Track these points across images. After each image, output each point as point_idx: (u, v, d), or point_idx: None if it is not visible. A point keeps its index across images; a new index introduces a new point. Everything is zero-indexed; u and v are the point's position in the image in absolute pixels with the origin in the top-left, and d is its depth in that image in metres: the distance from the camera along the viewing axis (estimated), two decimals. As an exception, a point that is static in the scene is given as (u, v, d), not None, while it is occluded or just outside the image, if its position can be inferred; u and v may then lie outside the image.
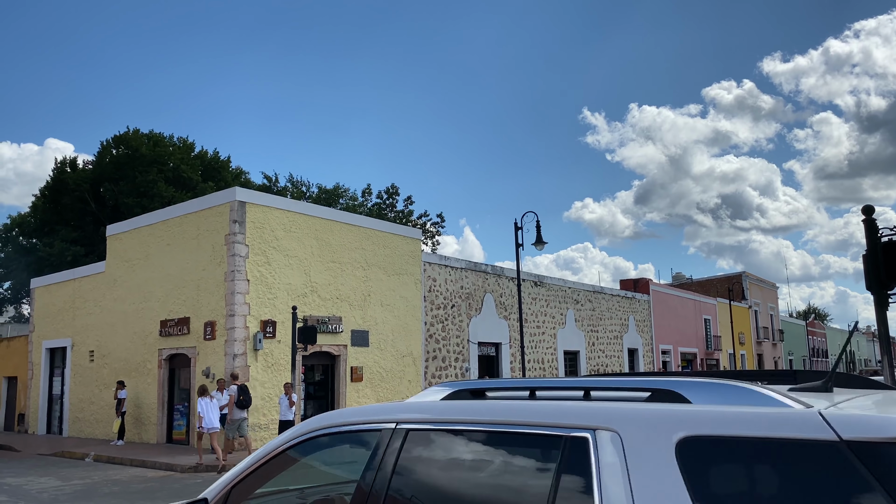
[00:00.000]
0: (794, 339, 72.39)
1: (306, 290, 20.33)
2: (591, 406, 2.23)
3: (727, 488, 1.85)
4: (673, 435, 1.95)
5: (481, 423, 2.40)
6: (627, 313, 39.22)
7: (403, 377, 23.39)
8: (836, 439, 1.77)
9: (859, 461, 1.72)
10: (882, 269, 8.42)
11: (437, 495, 2.43)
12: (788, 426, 1.86)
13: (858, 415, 1.88)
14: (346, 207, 45.02)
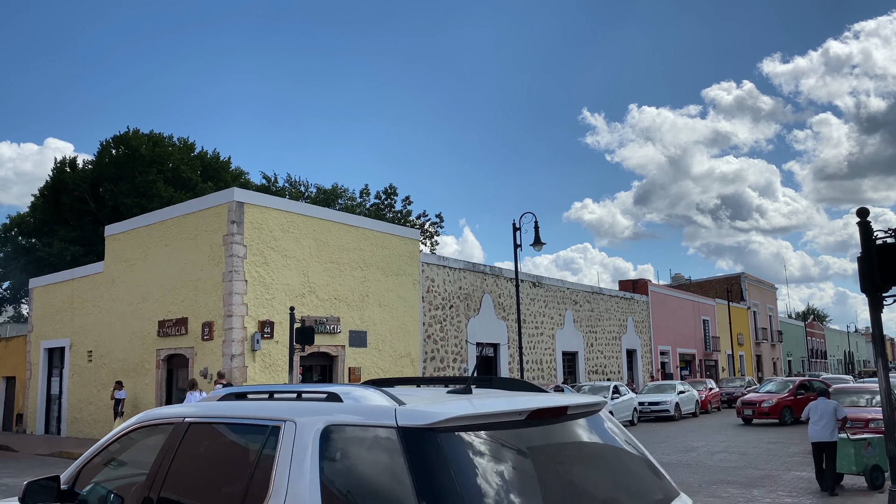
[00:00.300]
0: (793, 340, 72.42)
1: (304, 291, 20.35)
2: (285, 404, 3.27)
3: (343, 457, 2.81)
4: (319, 423, 2.91)
5: (230, 416, 3.43)
6: (626, 314, 39.24)
7: (401, 378, 23.40)
8: (394, 425, 2.71)
9: (402, 440, 2.65)
10: (876, 271, 8.42)
11: (194, 469, 3.43)
12: (376, 416, 2.80)
13: (413, 408, 2.77)
14: (344, 208, 45.04)
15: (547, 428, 3.06)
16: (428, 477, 2.53)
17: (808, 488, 11.87)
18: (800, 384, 26.15)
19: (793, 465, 14.62)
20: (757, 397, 25.68)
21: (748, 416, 25.00)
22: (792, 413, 24.64)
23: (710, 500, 10.96)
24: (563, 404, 3.20)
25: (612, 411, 24.48)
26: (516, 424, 2.92)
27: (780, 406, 24.63)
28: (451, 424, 2.69)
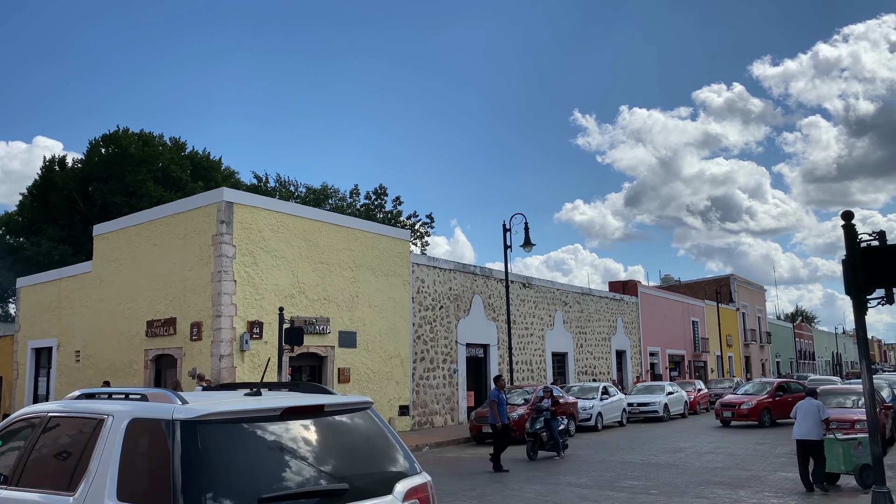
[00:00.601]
0: (782, 342, 72.82)
1: (294, 291, 20.31)
2: (113, 402, 4.20)
3: (137, 443, 3.73)
4: (127, 417, 3.88)
5: (78, 411, 4.30)
6: (616, 315, 39.36)
7: (391, 378, 23.40)
8: (171, 419, 3.63)
9: (174, 429, 3.58)
10: (861, 274, 8.50)
11: (47, 454, 4.34)
12: (162, 412, 3.74)
13: (187, 406, 3.71)
14: (334, 208, 44.97)
15: (307, 421, 4.06)
16: (188, 455, 3.48)
17: (793, 489, 11.95)
18: (778, 385, 25.91)
19: (779, 466, 14.71)
20: (736, 399, 25.38)
21: (727, 417, 24.70)
22: (771, 415, 24.47)
23: (696, 500, 11.03)
24: (319, 403, 4.19)
25: (602, 412, 24.58)
26: (273, 419, 3.90)
27: (760, 408, 24.34)
28: (212, 418, 3.68)
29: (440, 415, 25.61)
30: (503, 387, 16.18)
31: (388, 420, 22.84)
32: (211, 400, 4.08)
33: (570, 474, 14.05)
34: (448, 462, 16.63)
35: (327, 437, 4.10)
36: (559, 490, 12.19)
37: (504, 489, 12.36)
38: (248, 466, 3.62)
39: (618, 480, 13.11)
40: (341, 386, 21.46)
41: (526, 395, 21.52)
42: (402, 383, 23.85)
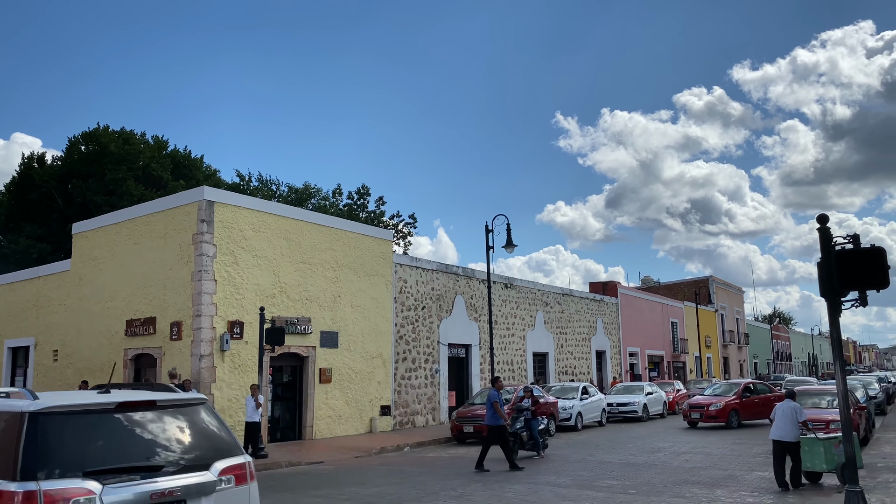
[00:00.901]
0: (759, 343, 73.62)
1: (275, 291, 20.25)
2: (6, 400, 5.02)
3: (6, 430, 4.65)
4: (7, 411, 4.79)
5: None
6: (596, 316, 39.61)
7: (373, 378, 23.39)
8: (21, 411, 4.67)
9: (22, 420, 4.62)
10: (835, 276, 8.66)
11: None
12: (19, 406, 4.75)
13: (35, 402, 4.78)
14: (316, 208, 44.80)
15: (141, 413, 5.13)
16: (29, 438, 4.54)
17: (769, 488, 12.12)
18: (745, 387, 25.72)
19: (755, 466, 14.90)
20: (704, 400, 25.05)
21: (695, 419, 24.38)
22: (739, 416, 24.32)
23: (674, 500, 11.16)
24: (152, 399, 5.27)
25: (582, 412, 24.73)
26: (108, 411, 4.99)
27: (728, 409, 24.09)
28: (53, 411, 4.74)
29: (422, 415, 25.65)
30: (502, 387, 16.28)
31: (369, 420, 22.89)
32: (60, 397, 5.18)
33: (550, 474, 14.15)
34: (429, 462, 16.67)
35: (156, 426, 5.18)
36: (539, 490, 12.28)
37: (484, 489, 12.42)
38: (81, 448, 4.73)
39: (597, 480, 13.22)
40: (323, 386, 21.43)
41: (507, 395, 21.59)
42: (383, 383, 23.85)
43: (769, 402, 25.09)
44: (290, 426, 21.01)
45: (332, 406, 21.72)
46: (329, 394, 21.67)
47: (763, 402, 25.00)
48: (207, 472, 5.18)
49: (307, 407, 21.03)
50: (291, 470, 15.51)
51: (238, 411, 18.60)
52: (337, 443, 19.99)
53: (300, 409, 21.11)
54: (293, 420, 21.10)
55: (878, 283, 8.52)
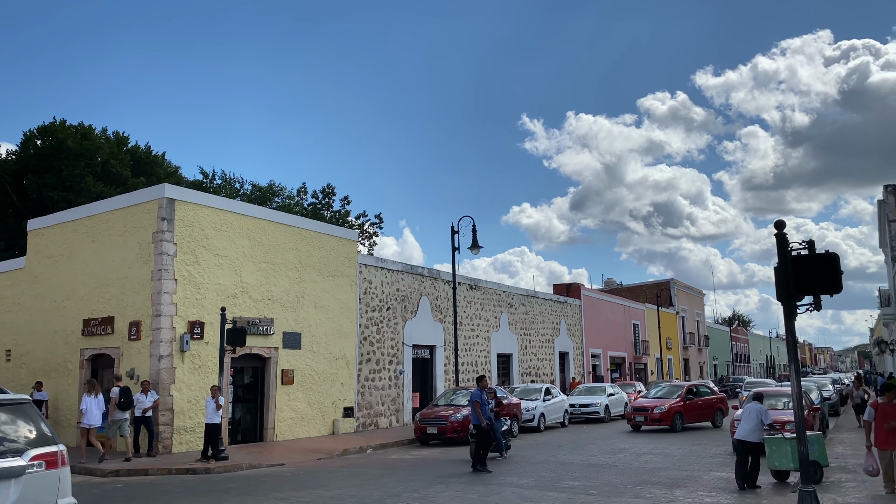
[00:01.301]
0: (719, 345, 74.98)
1: (237, 291, 19.99)
2: None
3: None
4: None
5: None
6: (560, 317, 39.92)
7: (336, 380, 23.23)
8: None
9: None
10: (791, 281, 8.85)
11: None
12: None
13: None
14: (280, 206, 44.33)
15: None
16: None
17: (726, 488, 12.34)
18: (688, 389, 25.30)
19: (714, 467, 15.15)
20: (648, 403, 24.47)
21: (639, 422, 23.87)
22: (682, 419, 23.96)
23: (634, 500, 11.29)
24: None
25: (544, 413, 24.89)
26: None
27: (672, 412, 23.57)
28: None
29: (385, 416, 25.55)
30: (486, 387, 16.25)
31: (331, 422, 22.74)
32: None
33: (513, 475, 14.21)
34: (392, 463, 16.61)
35: None
36: (501, 490, 12.32)
37: (446, 490, 12.42)
38: None
39: (559, 481, 13.31)
40: (285, 388, 21.21)
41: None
42: (347, 385, 23.70)
43: (711, 404, 25.57)
44: (252, 428, 20.76)
45: (294, 408, 21.51)
46: (291, 395, 21.46)
47: (705, 405, 25.23)
48: (20, 458, 6.24)
49: (269, 408, 20.79)
50: (252, 472, 15.32)
51: (198, 413, 18.31)
52: (299, 445, 19.80)
53: (261, 410, 20.86)
54: (254, 422, 20.84)
55: (832, 288, 8.73)
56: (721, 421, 25.32)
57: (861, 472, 12.43)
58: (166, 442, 17.75)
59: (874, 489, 11.66)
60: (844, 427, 23.85)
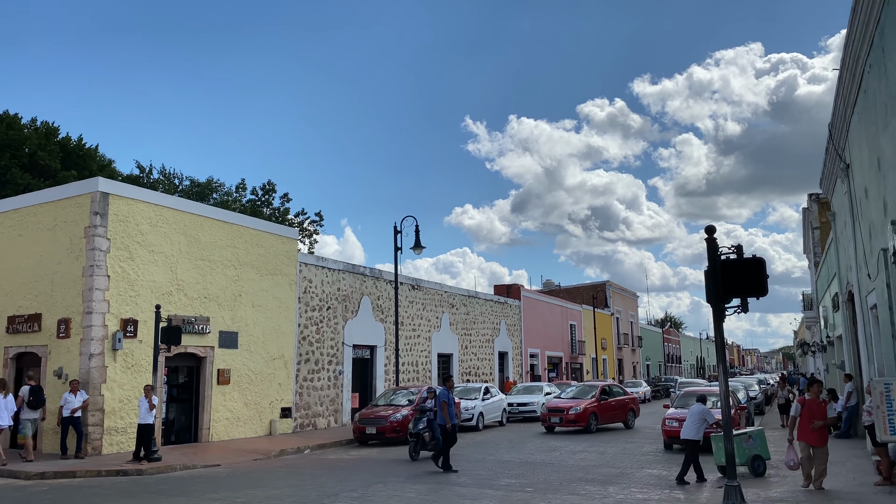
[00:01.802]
0: (652, 346, 77.01)
1: (172, 289, 19.54)
2: None
3: None
4: None
5: None
6: (500, 318, 40.36)
7: (274, 380, 22.94)
8: None
9: None
10: (720, 284, 9.24)
11: None
12: None
13: None
14: (218, 203, 43.44)
15: None
16: None
17: (657, 484, 12.75)
18: (602, 389, 24.73)
19: (645, 464, 15.61)
20: (563, 403, 23.86)
21: (554, 423, 23.15)
22: (597, 419, 23.46)
23: (569, 497, 11.55)
24: None
25: (483, 412, 25.17)
26: None
27: (587, 413, 23.09)
28: None
29: (324, 417, 25.37)
30: (452, 387, 16.28)
31: (268, 422, 22.44)
32: None
33: (451, 473, 14.33)
34: (330, 464, 16.53)
35: None
36: (440, 489, 12.42)
37: (385, 489, 12.45)
38: None
39: (496, 479, 13.50)
40: (221, 388, 20.84)
41: (410, 396, 21.71)
42: (284, 385, 23.43)
43: (624, 405, 25.21)
44: (186, 428, 20.32)
45: (230, 408, 21.15)
46: (227, 395, 21.10)
47: (619, 405, 24.93)
48: None
49: (204, 409, 20.39)
50: (186, 473, 15.02)
51: (130, 413, 17.83)
52: (235, 445, 19.49)
53: (196, 410, 20.45)
54: (189, 422, 20.41)
55: (758, 292, 9.15)
56: (633, 422, 25.22)
57: (784, 467, 13.05)
58: (96, 443, 17.22)
59: (794, 484, 12.25)
60: (769, 425, 24.86)
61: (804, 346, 58.42)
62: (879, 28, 11.29)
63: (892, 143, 11.22)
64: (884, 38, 11.00)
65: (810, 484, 11.75)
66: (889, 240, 12.10)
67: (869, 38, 12.14)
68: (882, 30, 11.08)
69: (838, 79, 15.42)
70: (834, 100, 16.80)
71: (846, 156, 17.52)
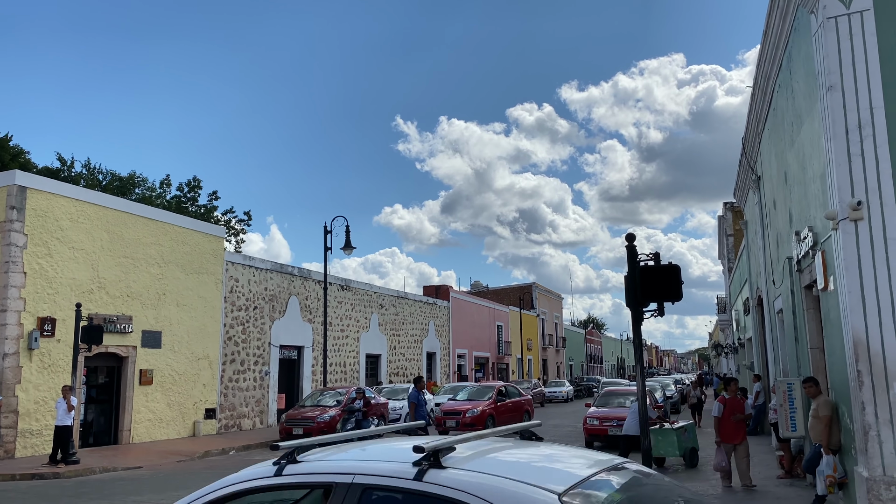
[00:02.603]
0: (575, 346, 78.90)
1: (93, 287, 18.97)
2: None
3: None
4: None
5: None
6: (429, 318, 40.67)
7: (198, 381, 22.53)
8: None
9: None
10: (639, 289, 9.74)
11: None
12: None
13: None
14: (141, 198, 42.12)
15: None
16: None
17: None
18: (498, 391, 23.52)
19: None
20: (459, 406, 22.36)
21: (450, 427, 21.55)
22: (494, 422, 21.86)
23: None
24: None
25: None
26: None
27: (485, 415, 21.72)
28: None
29: (249, 418, 25.05)
30: (423, 388, 16.12)
31: (192, 423, 22.01)
32: None
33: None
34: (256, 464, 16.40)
35: None
36: (368, 488, 12.54)
37: (314, 489, 12.49)
38: None
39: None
40: (143, 388, 20.35)
41: (338, 397, 21.71)
42: (209, 385, 23.04)
43: (520, 406, 23.98)
44: (105, 430, 19.75)
45: (152, 409, 20.67)
46: (150, 396, 20.61)
47: (515, 407, 23.68)
48: None
49: (125, 410, 19.87)
50: (107, 476, 14.65)
51: (46, 414, 17.23)
52: (157, 447, 19.07)
53: (117, 411, 19.91)
54: (108, 424, 19.85)
55: (674, 297, 9.69)
56: None
57: (709, 467, 13.50)
58: (9, 446, 16.58)
59: (705, 478, 12.94)
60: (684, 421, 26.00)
61: (718, 347, 61.10)
62: (787, 52, 12.12)
63: (797, 159, 12.06)
64: (791, 61, 11.82)
65: (731, 483, 12.10)
66: (793, 249, 12.98)
67: (778, 61, 13.00)
68: (790, 53, 11.90)
69: (751, 96, 16.39)
70: (747, 115, 17.82)
71: (758, 168, 18.60)
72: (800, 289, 13.03)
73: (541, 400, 38.65)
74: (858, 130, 8.49)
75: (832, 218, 8.80)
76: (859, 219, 8.42)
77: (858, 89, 8.53)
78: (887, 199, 8.31)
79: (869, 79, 8.50)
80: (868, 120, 8.48)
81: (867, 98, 8.49)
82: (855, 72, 8.56)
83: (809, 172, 10.89)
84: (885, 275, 8.22)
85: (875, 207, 8.36)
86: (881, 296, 8.21)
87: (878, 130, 8.42)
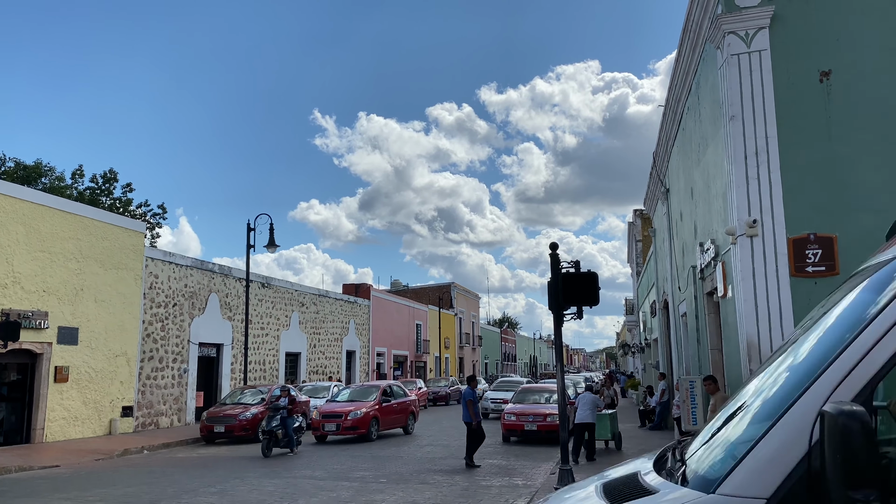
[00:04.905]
0: (491, 345, 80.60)
1: (7, 281, 18.41)
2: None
3: None
4: None
5: None
6: (349, 317, 40.89)
7: (115, 378, 22.11)
8: None
9: None
10: (560, 294, 10.56)
11: None
12: None
13: None
14: (49, 189, 40.40)
15: None
16: None
17: (498, 473, 14.03)
18: (383, 391, 21.86)
19: (487, 455, 16.92)
20: (340, 408, 20.64)
21: (329, 431, 20.14)
22: (378, 425, 20.74)
23: (420, 486, 12.50)
24: None
25: (332, 410, 25.60)
26: None
27: (369, 418, 20.32)
28: None
29: (167, 416, 24.71)
30: (476, 387, 16.65)
31: (108, 422, 21.62)
32: None
33: (306, 468, 14.84)
34: (179, 462, 16.42)
35: None
36: (297, 483, 12.93)
37: (243, 484, 12.77)
38: None
39: (350, 472, 14.20)
40: (58, 386, 19.86)
41: (260, 395, 21.78)
42: (126, 383, 22.63)
43: (405, 408, 22.61)
44: (17, 429, 19.18)
45: (67, 407, 20.20)
46: (65, 394, 20.13)
47: (400, 408, 22.31)
48: None
49: (38, 408, 19.35)
50: (24, 475, 14.38)
51: (-46, 414, 16.65)
52: (72, 446, 18.69)
53: (29, 409, 19.35)
54: (20, 422, 19.28)
55: (592, 301, 10.57)
56: (413, 427, 22.77)
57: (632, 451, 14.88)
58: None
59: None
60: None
61: (625, 346, 63.82)
62: (696, 79, 13.26)
63: (703, 177, 13.22)
64: (699, 87, 12.96)
65: None
66: (697, 259, 14.19)
67: (688, 86, 14.17)
68: (698, 80, 13.04)
69: (663, 114, 17.65)
70: (659, 132, 19.11)
71: (667, 181, 19.96)
72: (702, 295, 14.25)
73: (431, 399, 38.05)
74: (756, 157, 9.58)
75: (732, 233, 9.88)
76: (754, 235, 9.50)
77: (756, 120, 9.62)
78: (778, 219, 9.43)
79: (765, 111, 9.60)
80: (764, 147, 9.58)
81: (763, 128, 9.58)
82: (753, 105, 9.64)
83: (713, 190, 12.02)
84: (774, 285, 9.32)
85: (768, 226, 9.46)
86: (771, 303, 9.30)
87: (771, 157, 9.52)
